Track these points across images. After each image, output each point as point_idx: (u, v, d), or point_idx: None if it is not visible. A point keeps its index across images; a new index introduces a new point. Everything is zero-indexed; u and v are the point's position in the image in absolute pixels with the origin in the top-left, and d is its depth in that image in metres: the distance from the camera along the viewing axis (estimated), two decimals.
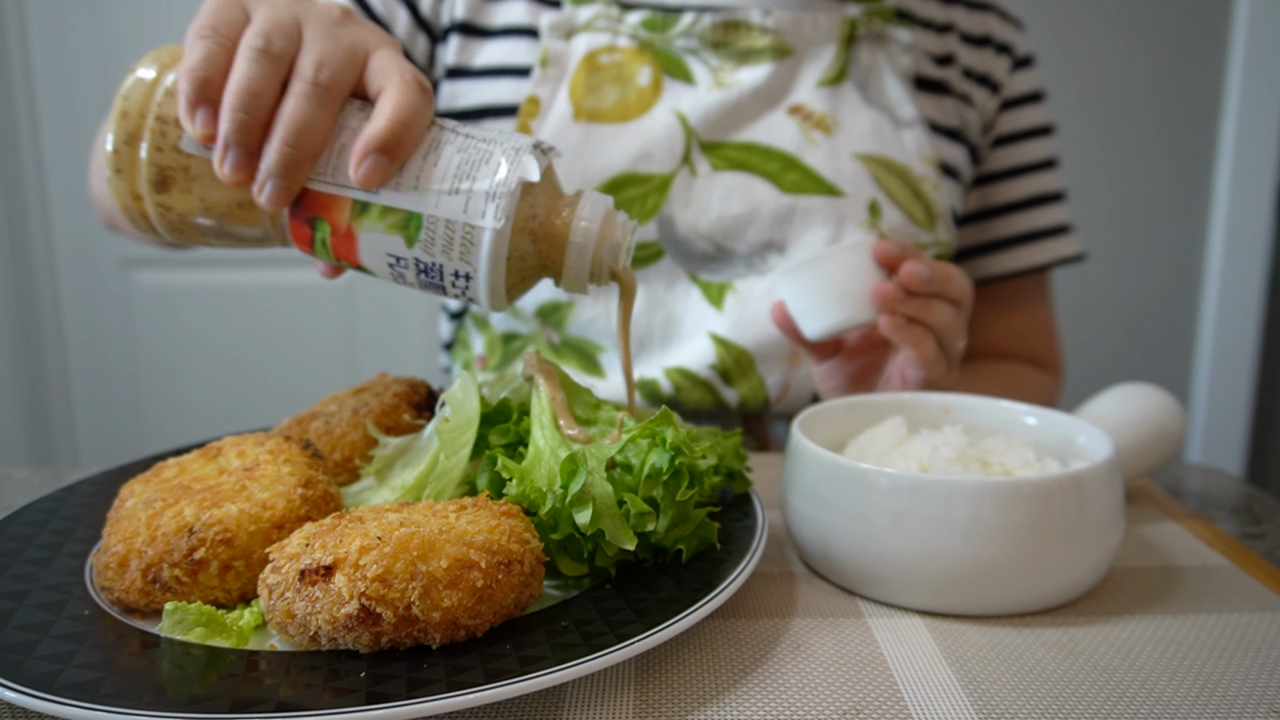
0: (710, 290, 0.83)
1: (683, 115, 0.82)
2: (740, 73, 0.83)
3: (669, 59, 0.84)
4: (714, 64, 0.84)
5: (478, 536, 0.43)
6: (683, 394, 0.84)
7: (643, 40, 0.84)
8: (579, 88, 0.82)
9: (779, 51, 0.83)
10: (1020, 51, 0.95)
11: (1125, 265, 2.02)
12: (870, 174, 0.83)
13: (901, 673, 0.45)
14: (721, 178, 0.83)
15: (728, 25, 0.83)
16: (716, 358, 0.83)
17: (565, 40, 0.84)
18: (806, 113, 0.84)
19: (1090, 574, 0.51)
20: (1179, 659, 0.46)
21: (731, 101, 0.83)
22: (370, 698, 0.37)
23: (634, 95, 0.83)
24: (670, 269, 0.83)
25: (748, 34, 0.84)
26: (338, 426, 0.59)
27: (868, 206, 0.83)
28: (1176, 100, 1.95)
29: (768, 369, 0.84)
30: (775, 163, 0.83)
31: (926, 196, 0.85)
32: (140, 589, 0.46)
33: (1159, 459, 0.67)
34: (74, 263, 2.10)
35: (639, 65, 0.83)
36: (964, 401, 0.63)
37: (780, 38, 0.83)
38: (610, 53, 0.83)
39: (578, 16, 0.84)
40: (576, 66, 0.83)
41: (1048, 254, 0.95)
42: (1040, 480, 0.48)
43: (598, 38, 0.84)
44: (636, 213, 0.82)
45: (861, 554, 0.51)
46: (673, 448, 0.48)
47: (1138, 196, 1.99)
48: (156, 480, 0.52)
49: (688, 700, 0.42)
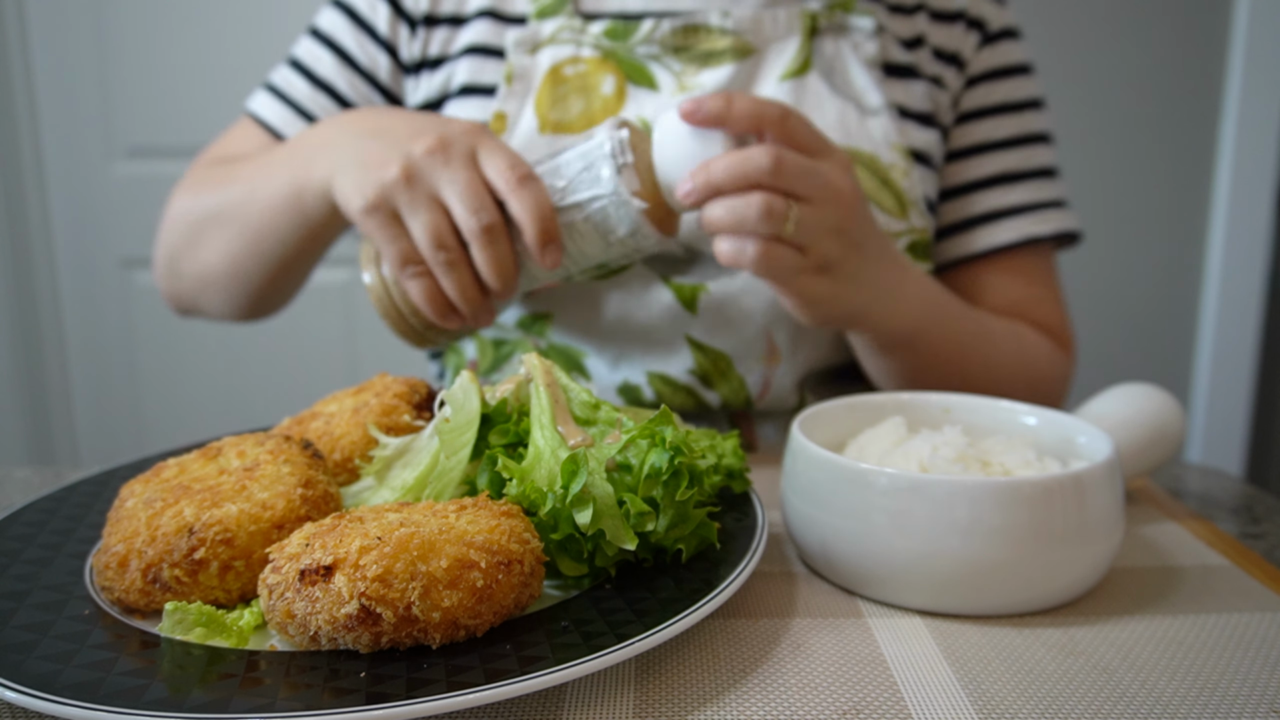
0: (683, 292, 0.82)
1: (646, 122, 0.81)
2: (702, 75, 0.83)
3: (632, 66, 0.84)
4: (676, 69, 0.83)
5: (478, 536, 0.43)
6: (664, 399, 0.84)
7: (606, 50, 0.83)
8: (544, 101, 0.82)
9: (740, 51, 0.83)
10: (993, 26, 0.92)
11: (1125, 265, 2.02)
12: None
13: (901, 673, 0.45)
14: None
15: (687, 29, 0.83)
16: (695, 362, 0.83)
17: (531, 55, 0.84)
18: None
19: (1090, 574, 0.51)
20: (1179, 659, 0.46)
21: None
22: (370, 698, 0.37)
23: (598, 104, 0.83)
24: (644, 274, 0.83)
25: (708, 36, 0.83)
26: (338, 426, 0.59)
27: None
28: (1176, 100, 1.95)
29: (746, 369, 0.84)
30: None
31: (896, 184, 0.83)
32: (140, 589, 0.46)
33: (1159, 459, 0.67)
34: (74, 263, 2.10)
35: (602, 75, 0.83)
36: (964, 401, 0.64)
37: (741, 38, 0.83)
38: (574, 64, 0.83)
39: (542, 31, 0.84)
40: (541, 80, 0.83)
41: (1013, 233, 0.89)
42: (1040, 480, 0.48)
43: (562, 50, 0.84)
44: None
45: (861, 554, 0.51)
46: (672, 447, 0.48)
47: (1138, 196, 1.99)
48: (156, 480, 0.52)
49: (688, 700, 0.42)
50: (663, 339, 0.84)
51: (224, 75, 1.93)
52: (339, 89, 0.89)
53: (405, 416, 0.60)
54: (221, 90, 1.93)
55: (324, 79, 0.89)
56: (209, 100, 1.94)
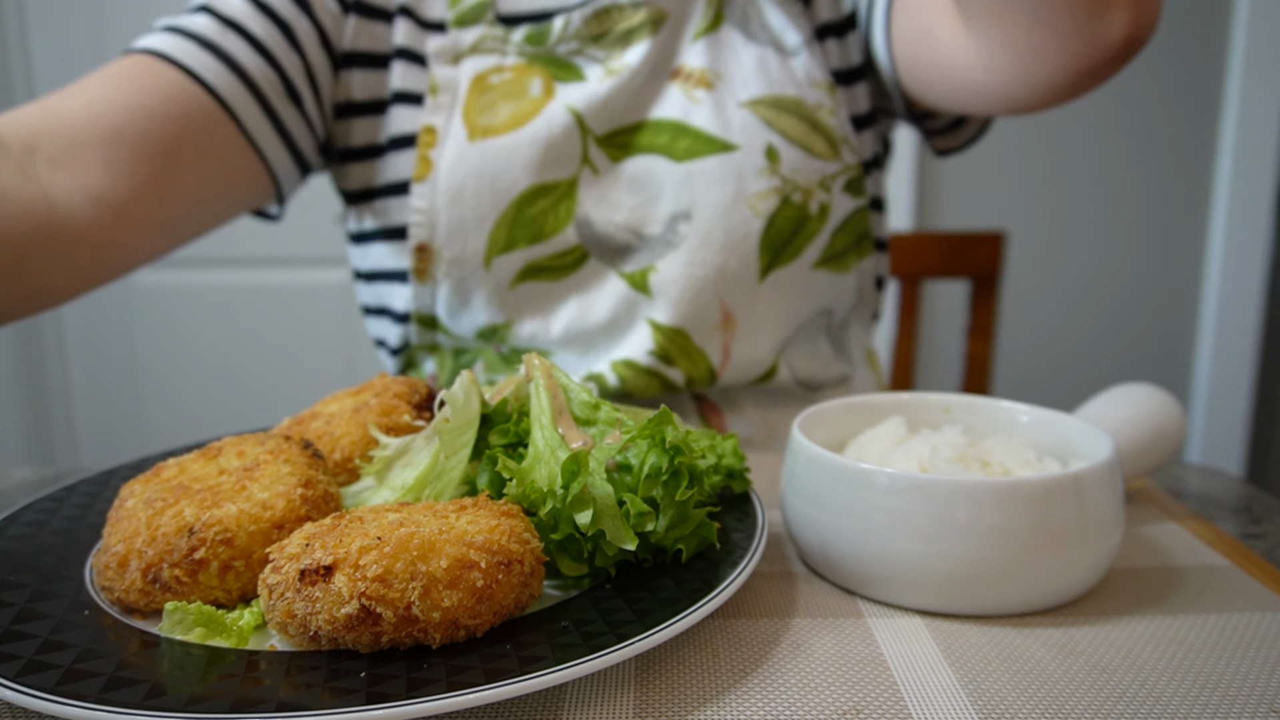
0: (634, 279, 0.82)
1: (576, 111, 0.81)
2: (627, 55, 0.82)
3: (559, 65, 0.83)
4: (600, 56, 0.83)
5: (478, 536, 0.43)
6: (627, 384, 0.83)
7: (530, 55, 0.83)
8: (472, 109, 0.81)
9: (656, 21, 0.82)
10: None
11: (1125, 265, 2.02)
12: (760, 119, 0.81)
13: (901, 673, 0.45)
14: (622, 168, 0.82)
15: (599, 14, 0.82)
16: (654, 343, 0.83)
17: (453, 65, 0.83)
18: (686, 73, 0.83)
19: (1090, 574, 0.51)
20: (1179, 659, 0.46)
21: (622, 85, 0.81)
22: (370, 698, 0.37)
23: (527, 105, 0.82)
24: (597, 269, 0.83)
25: (620, 15, 0.82)
26: (338, 426, 0.59)
27: (764, 153, 0.81)
28: (1176, 100, 1.95)
29: (704, 339, 0.83)
30: (664, 134, 0.82)
31: (824, 124, 0.83)
32: (140, 589, 0.46)
33: (1159, 459, 0.67)
34: None
35: (529, 78, 0.82)
36: (964, 401, 0.63)
37: (654, 7, 0.82)
38: (499, 72, 0.82)
39: (463, 40, 0.83)
40: (467, 90, 0.82)
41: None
42: (1040, 480, 0.48)
43: (485, 59, 0.83)
44: (552, 223, 0.81)
45: (861, 554, 0.51)
46: (672, 447, 0.48)
47: (1138, 196, 1.99)
48: (156, 480, 0.52)
49: (688, 700, 0.42)
50: (622, 325, 0.83)
51: None
52: (252, 30, 0.79)
53: (405, 416, 0.60)
54: None
55: (234, 19, 0.79)
56: None
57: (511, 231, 0.81)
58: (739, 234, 0.81)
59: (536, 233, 0.81)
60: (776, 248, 0.82)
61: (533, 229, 0.81)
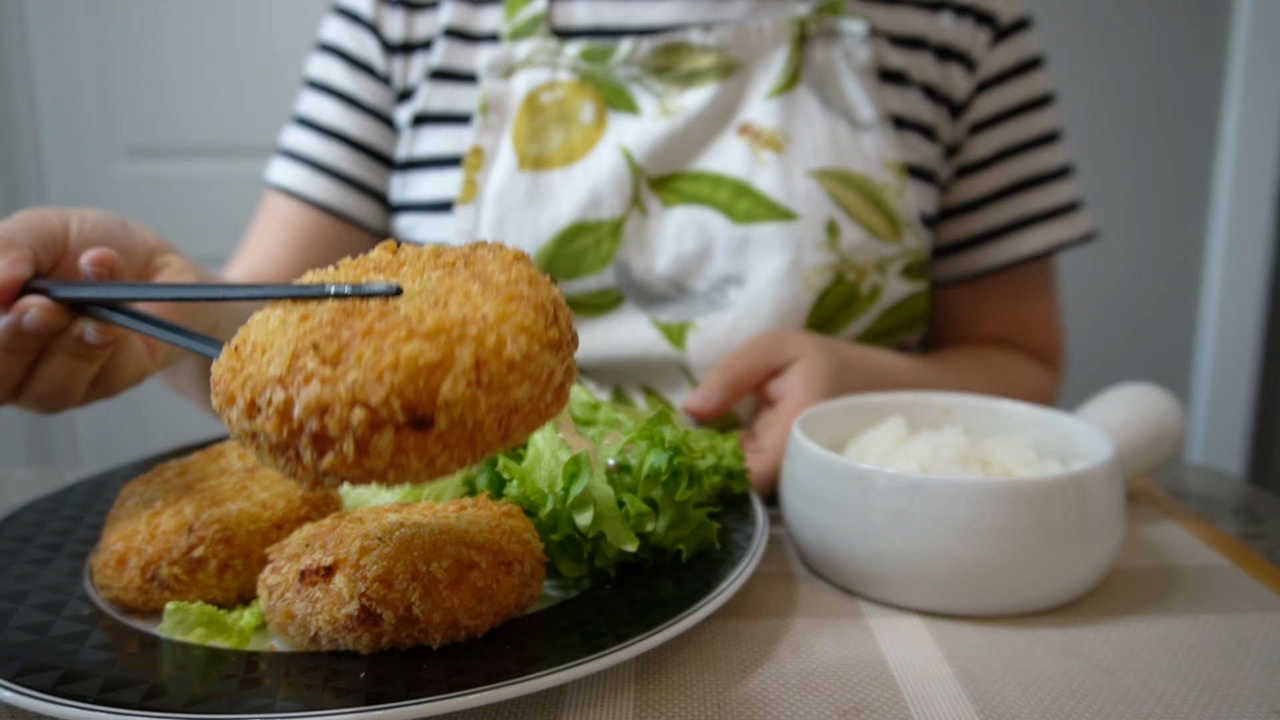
0: (671, 332, 0.80)
1: (628, 151, 0.79)
2: (685, 97, 0.80)
3: (612, 90, 0.81)
4: (659, 90, 0.80)
5: (478, 537, 0.43)
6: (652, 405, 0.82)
7: (584, 72, 0.81)
8: (522, 134, 0.80)
9: (725, 69, 0.80)
10: (1005, 20, 0.87)
11: (1125, 264, 2.02)
12: (826, 191, 0.79)
13: (901, 673, 0.45)
14: (673, 214, 0.79)
15: (669, 49, 0.80)
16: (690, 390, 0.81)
17: (505, 79, 0.81)
18: (755, 131, 0.80)
19: (1090, 574, 0.51)
20: (1179, 659, 0.46)
21: (679, 130, 0.79)
22: (370, 698, 0.37)
23: (578, 135, 0.80)
24: (631, 314, 0.80)
25: (690, 55, 0.80)
26: None
27: (825, 227, 0.78)
28: (1176, 99, 1.95)
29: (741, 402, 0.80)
30: (725, 191, 0.79)
31: (889, 205, 0.80)
32: (138, 587, 0.46)
33: (1159, 459, 0.67)
34: None
35: (581, 101, 0.80)
36: (964, 402, 0.63)
37: (725, 54, 0.80)
38: (551, 89, 0.81)
39: (516, 53, 0.81)
40: (518, 110, 0.80)
41: (1042, 240, 0.88)
42: (1040, 481, 0.48)
43: (538, 74, 0.81)
44: (591, 261, 0.79)
45: (861, 554, 0.51)
46: (671, 447, 0.48)
47: (1138, 195, 1.99)
48: (157, 480, 0.52)
49: (688, 700, 0.42)
50: (653, 370, 0.82)
51: (224, 75, 1.93)
52: (350, 134, 0.87)
53: None
54: (221, 90, 1.93)
55: (332, 127, 0.87)
56: (209, 100, 1.94)
57: (550, 266, 0.80)
58: (788, 306, 0.78)
59: (574, 268, 0.80)
60: (820, 323, 0.80)
61: (571, 265, 0.79)
